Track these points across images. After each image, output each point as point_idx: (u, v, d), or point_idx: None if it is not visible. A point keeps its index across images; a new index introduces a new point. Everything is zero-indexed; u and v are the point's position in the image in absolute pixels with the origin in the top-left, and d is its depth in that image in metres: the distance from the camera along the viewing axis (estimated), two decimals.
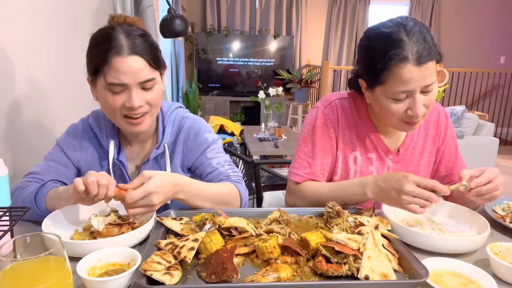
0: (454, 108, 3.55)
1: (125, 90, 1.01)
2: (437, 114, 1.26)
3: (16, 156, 1.29)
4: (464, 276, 0.77)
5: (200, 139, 1.17)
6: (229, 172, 1.15)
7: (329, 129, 1.20)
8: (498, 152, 3.48)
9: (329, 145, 1.21)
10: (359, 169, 1.21)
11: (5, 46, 1.23)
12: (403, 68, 0.98)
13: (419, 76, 0.99)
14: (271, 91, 4.01)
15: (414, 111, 1.03)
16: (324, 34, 6.84)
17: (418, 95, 1.02)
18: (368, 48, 1.07)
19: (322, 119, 1.21)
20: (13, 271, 0.56)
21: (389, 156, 1.22)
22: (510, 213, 1.10)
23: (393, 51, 0.99)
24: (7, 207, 0.81)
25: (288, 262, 0.79)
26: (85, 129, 1.17)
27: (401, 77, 0.99)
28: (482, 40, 6.92)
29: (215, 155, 1.17)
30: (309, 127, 1.23)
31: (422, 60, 0.98)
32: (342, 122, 1.21)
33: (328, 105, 1.22)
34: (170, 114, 1.18)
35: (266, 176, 3.12)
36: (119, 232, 0.90)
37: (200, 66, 6.36)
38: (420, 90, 1.02)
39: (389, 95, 1.04)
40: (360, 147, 1.21)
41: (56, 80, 1.57)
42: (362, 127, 1.21)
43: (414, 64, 0.98)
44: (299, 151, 1.24)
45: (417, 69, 0.98)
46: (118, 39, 1.00)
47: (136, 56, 1.00)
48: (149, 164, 1.16)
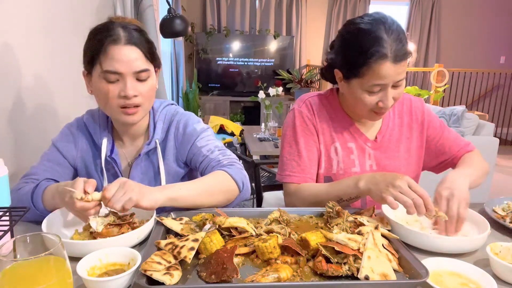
0: (454, 108, 3.54)
1: (120, 80, 1.03)
2: (409, 102, 1.32)
3: (16, 156, 1.29)
4: (464, 276, 0.77)
5: (189, 131, 1.17)
6: (219, 157, 1.12)
7: (308, 126, 1.25)
8: (498, 152, 3.47)
9: (312, 141, 1.25)
10: (341, 159, 1.25)
11: (6, 47, 1.23)
12: (382, 64, 1.06)
13: (394, 72, 1.07)
14: (271, 91, 4.00)
15: (384, 103, 1.11)
16: (324, 34, 6.83)
17: (389, 89, 1.10)
18: (349, 42, 1.12)
19: (300, 117, 1.26)
20: (13, 271, 0.56)
21: (368, 144, 1.26)
22: (510, 213, 1.10)
23: (374, 48, 1.05)
24: (7, 207, 0.81)
25: (288, 262, 0.79)
26: (79, 128, 1.18)
27: (378, 72, 1.07)
28: (482, 40, 6.92)
29: (205, 142, 1.16)
30: (290, 129, 1.27)
31: (398, 59, 1.06)
32: (319, 116, 1.26)
33: (302, 104, 1.28)
34: (161, 111, 1.19)
35: (266, 176, 3.12)
36: (119, 232, 0.90)
37: (200, 66, 6.35)
38: (392, 85, 1.10)
39: (365, 87, 1.11)
40: (339, 138, 1.26)
41: (56, 81, 1.57)
42: (338, 119, 1.26)
43: (391, 62, 1.06)
44: (285, 153, 1.27)
45: (393, 66, 1.06)
46: (115, 30, 1.03)
47: (132, 46, 1.03)
48: (140, 159, 1.16)
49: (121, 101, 1.04)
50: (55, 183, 1.02)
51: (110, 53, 1.01)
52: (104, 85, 1.03)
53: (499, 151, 3.45)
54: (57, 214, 0.96)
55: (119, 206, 0.85)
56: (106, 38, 1.01)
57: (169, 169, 1.17)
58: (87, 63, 1.06)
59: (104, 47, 1.01)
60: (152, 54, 1.09)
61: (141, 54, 1.05)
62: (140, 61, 1.04)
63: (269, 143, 3.59)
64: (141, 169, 1.17)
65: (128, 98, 1.03)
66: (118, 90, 1.03)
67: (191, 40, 6.31)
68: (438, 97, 4.81)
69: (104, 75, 1.02)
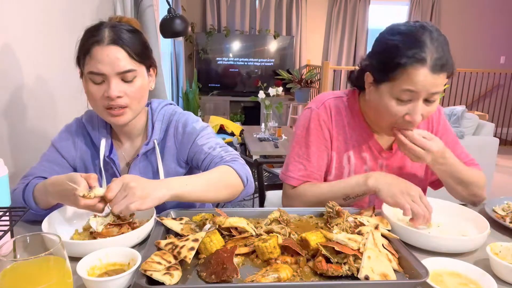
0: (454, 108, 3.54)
1: (105, 81, 1.02)
2: None
3: (16, 156, 1.29)
4: (464, 276, 0.77)
5: (189, 130, 1.16)
6: (221, 153, 1.12)
7: (323, 130, 1.20)
8: (498, 152, 3.47)
9: (324, 146, 1.21)
10: (353, 168, 1.22)
11: (6, 48, 1.23)
12: (419, 69, 0.99)
13: (430, 82, 0.99)
14: (271, 91, 4.00)
15: (412, 117, 1.04)
16: (324, 34, 6.83)
17: (420, 102, 1.03)
18: (388, 42, 1.05)
19: (316, 120, 1.21)
20: (13, 271, 0.56)
21: (383, 155, 1.23)
22: (510, 213, 1.10)
23: (415, 50, 0.99)
24: (7, 207, 0.81)
25: (288, 262, 0.79)
26: (78, 128, 1.18)
27: (413, 77, 0.99)
28: (482, 40, 6.92)
29: (206, 140, 1.15)
30: (303, 129, 1.22)
31: (437, 68, 0.99)
32: (336, 122, 1.21)
33: (321, 105, 1.22)
34: (159, 111, 1.19)
35: (266, 176, 3.12)
36: (119, 232, 0.90)
37: (200, 66, 6.35)
38: (425, 98, 1.02)
39: (395, 93, 1.03)
40: (354, 147, 1.21)
41: (56, 81, 1.58)
42: (356, 126, 1.21)
43: (429, 70, 0.99)
44: (293, 154, 1.23)
45: (430, 75, 0.99)
46: (101, 30, 1.02)
47: (115, 46, 1.01)
48: (139, 160, 1.16)
49: (105, 102, 1.03)
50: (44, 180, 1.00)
51: (94, 54, 1.00)
52: (90, 86, 1.03)
53: (499, 151, 3.45)
54: (57, 214, 0.96)
55: (117, 211, 0.84)
56: (90, 39, 1.01)
57: (168, 169, 1.17)
58: (77, 64, 1.07)
59: (88, 48, 1.01)
60: (141, 54, 1.06)
61: (126, 54, 1.02)
62: (124, 61, 1.02)
63: (269, 143, 3.60)
64: (139, 169, 1.16)
65: (111, 99, 1.02)
66: (102, 91, 1.02)
67: (191, 40, 6.31)
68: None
69: (90, 76, 1.02)
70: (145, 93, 1.11)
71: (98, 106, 1.05)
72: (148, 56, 1.10)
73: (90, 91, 1.04)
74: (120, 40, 1.01)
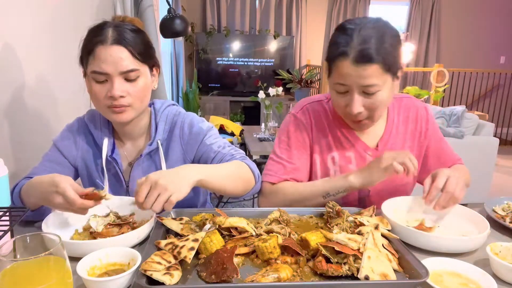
0: (454, 108, 3.54)
1: (108, 80, 1.03)
2: (416, 109, 1.28)
3: (16, 156, 1.29)
4: (464, 276, 0.77)
5: (195, 130, 1.17)
6: (232, 152, 1.15)
7: (302, 133, 1.24)
8: (498, 152, 3.47)
9: (303, 149, 1.24)
10: (338, 168, 1.23)
11: (6, 47, 1.23)
12: (342, 62, 1.04)
13: (355, 74, 1.03)
14: (271, 91, 4.00)
15: (350, 108, 1.08)
16: (324, 34, 6.83)
17: (356, 94, 1.06)
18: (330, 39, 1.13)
19: (295, 124, 1.25)
20: (13, 271, 0.56)
21: (369, 152, 1.23)
22: (510, 213, 1.10)
23: (339, 45, 1.05)
24: (7, 207, 0.81)
25: (288, 262, 0.79)
26: (80, 127, 1.19)
27: (340, 70, 1.05)
28: (482, 40, 6.92)
29: (214, 140, 1.17)
30: (283, 133, 1.27)
31: (361, 60, 1.02)
32: (316, 125, 1.24)
33: (300, 110, 1.27)
34: (162, 111, 1.19)
35: None
36: (119, 232, 0.90)
37: (200, 66, 6.35)
38: (361, 90, 1.06)
39: (332, 85, 1.11)
40: (337, 147, 1.23)
41: (57, 80, 1.58)
42: (337, 127, 1.24)
43: (351, 62, 1.02)
44: (273, 156, 1.26)
45: (354, 67, 1.03)
46: (104, 30, 1.03)
47: (118, 46, 1.02)
48: (142, 160, 1.16)
49: (108, 102, 1.04)
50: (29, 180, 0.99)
51: (97, 53, 1.01)
52: (94, 85, 1.04)
53: (499, 151, 3.45)
54: (57, 214, 0.96)
55: (158, 209, 0.85)
56: (93, 38, 1.02)
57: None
58: (80, 63, 1.08)
59: (91, 48, 1.01)
60: (144, 54, 1.07)
61: (129, 54, 1.03)
62: (128, 61, 1.02)
63: (269, 143, 3.59)
64: (142, 169, 1.16)
65: (114, 98, 1.03)
66: (106, 90, 1.03)
67: (191, 40, 6.31)
68: (438, 97, 4.81)
69: (93, 76, 1.03)
70: (148, 93, 1.11)
71: (101, 105, 1.06)
72: (151, 55, 1.11)
73: (93, 91, 1.04)
74: (123, 40, 1.02)
